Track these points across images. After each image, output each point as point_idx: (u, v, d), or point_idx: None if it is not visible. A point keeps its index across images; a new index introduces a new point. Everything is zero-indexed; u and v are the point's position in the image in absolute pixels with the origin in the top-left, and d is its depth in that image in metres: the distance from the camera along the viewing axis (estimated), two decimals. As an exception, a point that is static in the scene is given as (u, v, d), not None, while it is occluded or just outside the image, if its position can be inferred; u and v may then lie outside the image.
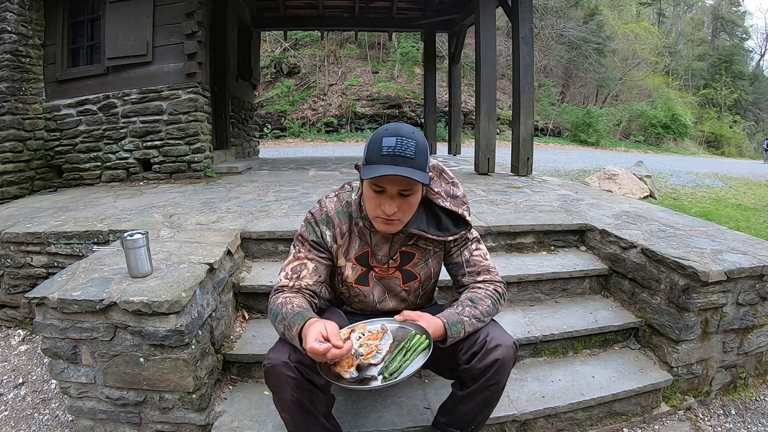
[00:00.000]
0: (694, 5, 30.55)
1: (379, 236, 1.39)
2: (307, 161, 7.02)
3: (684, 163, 14.55)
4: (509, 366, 1.29)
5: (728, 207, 7.03)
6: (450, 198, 1.40)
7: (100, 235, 2.47)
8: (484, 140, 4.92)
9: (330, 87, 17.21)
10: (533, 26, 5.02)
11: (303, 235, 1.39)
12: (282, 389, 1.23)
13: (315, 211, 1.40)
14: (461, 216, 1.40)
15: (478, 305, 1.32)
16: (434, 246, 1.43)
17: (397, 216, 1.26)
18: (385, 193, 1.23)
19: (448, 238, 1.39)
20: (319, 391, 1.26)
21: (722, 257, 2.02)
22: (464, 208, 1.41)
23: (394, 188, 1.21)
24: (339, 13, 7.94)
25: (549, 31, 20.17)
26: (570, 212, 2.93)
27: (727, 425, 1.91)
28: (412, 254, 1.42)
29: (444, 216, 1.39)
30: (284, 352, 1.23)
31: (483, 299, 1.34)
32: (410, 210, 1.28)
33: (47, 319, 1.58)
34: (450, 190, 1.40)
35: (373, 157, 1.19)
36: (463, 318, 1.29)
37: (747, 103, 27.28)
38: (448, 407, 1.44)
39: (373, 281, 1.45)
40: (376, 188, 1.23)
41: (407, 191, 1.23)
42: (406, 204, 1.25)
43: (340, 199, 1.42)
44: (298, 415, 1.27)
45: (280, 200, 3.35)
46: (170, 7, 4.34)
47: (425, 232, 1.36)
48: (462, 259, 1.43)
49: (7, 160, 3.99)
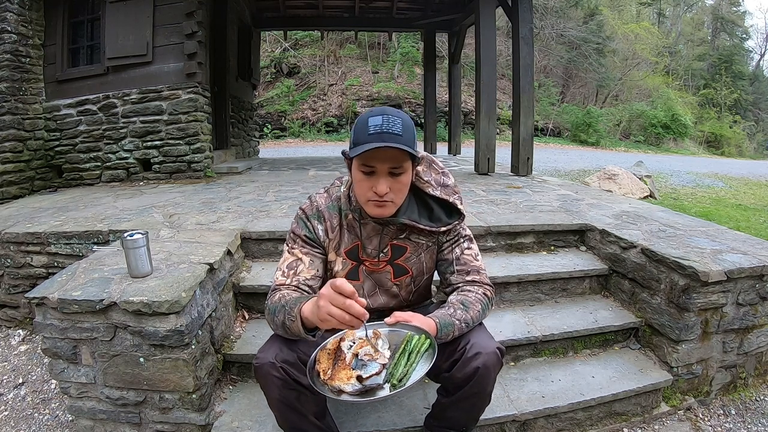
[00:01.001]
0: (694, 5, 30.53)
1: (369, 228, 1.36)
2: (307, 161, 7.02)
3: (684, 163, 14.55)
4: (493, 372, 1.27)
5: (728, 207, 7.02)
6: (441, 187, 1.37)
7: (100, 235, 2.47)
8: (484, 140, 4.92)
9: (330, 87, 17.20)
10: (533, 26, 5.02)
11: (295, 232, 1.37)
12: (269, 389, 1.23)
13: (306, 207, 1.39)
14: (453, 205, 1.37)
15: (469, 309, 1.29)
16: (427, 240, 1.40)
17: (389, 197, 1.23)
18: (375, 174, 1.20)
19: (441, 228, 1.36)
20: (307, 391, 1.24)
21: (722, 257, 2.02)
22: (456, 197, 1.38)
23: (384, 166, 1.19)
24: (339, 13, 7.94)
25: (549, 31, 20.16)
26: (570, 212, 2.93)
27: (727, 425, 1.91)
28: (403, 248, 1.39)
29: (436, 206, 1.37)
30: (271, 351, 1.23)
31: (474, 303, 1.31)
32: (402, 191, 1.25)
33: (47, 319, 1.58)
34: (440, 179, 1.38)
35: (361, 137, 1.17)
36: (454, 321, 1.26)
37: (747, 103, 27.26)
38: (435, 412, 1.44)
39: (364, 275, 1.42)
40: (365, 169, 1.20)
41: (397, 168, 1.20)
42: (397, 183, 1.22)
43: (330, 194, 1.40)
44: (288, 414, 1.27)
45: (280, 200, 3.35)
46: (170, 7, 4.35)
47: (417, 222, 1.33)
48: (452, 256, 1.40)
49: (7, 160, 4.00)
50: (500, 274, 2.24)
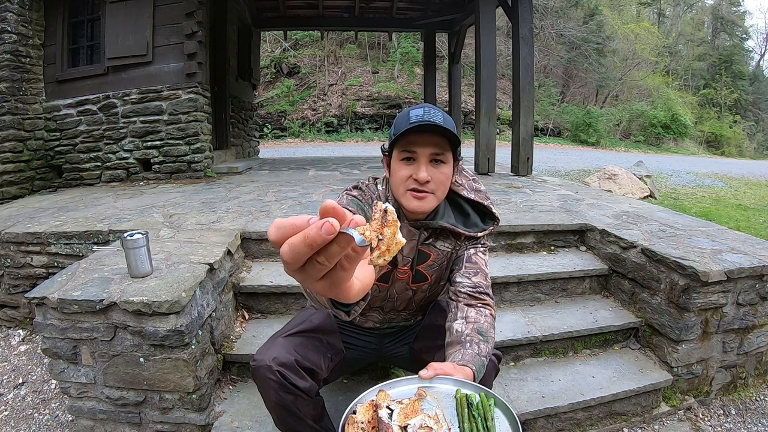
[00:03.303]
0: (694, 5, 30.53)
1: (404, 232, 1.29)
2: (307, 161, 7.02)
3: (684, 163, 14.55)
4: (489, 379, 1.25)
5: (728, 207, 7.02)
6: (474, 192, 1.35)
7: (100, 235, 2.47)
8: (484, 140, 4.92)
9: (330, 87, 17.20)
10: (533, 26, 5.02)
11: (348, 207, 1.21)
12: (266, 391, 1.23)
13: (357, 195, 1.28)
14: (488, 209, 1.34)
15: (488, 339, 1.21)
16: (452, 247, 1.34)
17: (430, 187, 1.18)
18: (416, 161, 1.18)
19: (477, 234, 1.32)
20: (304, 395, 1.23)
21: (722, 257, 2.02)
22: (489, 202, 1.35)
23: (425, 150, 1.16)
24: (339, 13, 7.94)
25: (549, 31, 20.16)
26: (570, 212, 2.93)
27: (727, 425, 1.91)
28: (427, 255, 1.34)
29: (471, 211, 1.34)
30: (268, 354, 1.22)
31: (488, 331, 1.23)
32: (444, 183, 1.21)
33: (47, 319, 1.58)
34: (473, 185, 1.36)
35: (402, 127, 1.15)
36: (483, 360, 1.16)
37: (747, 103, 27.26)
38: None
39: (393, 280, 1.36)
40: (406, 155, 1.18)
41: (439, 155, 1.17)
42: (438, 173, 1.18)
43: (366, 193, 1.30)
44: (284, 416, 1.26)
45: (280, 200, 3.35)
46: (170, 7, 4.35)
47: (455, 226, 1.29)
48: (465, 254, 1.34)
49: (7, 160, 4.00)
50: (500, 274, 2.24)
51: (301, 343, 1.29)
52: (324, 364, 1.34)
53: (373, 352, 1.54)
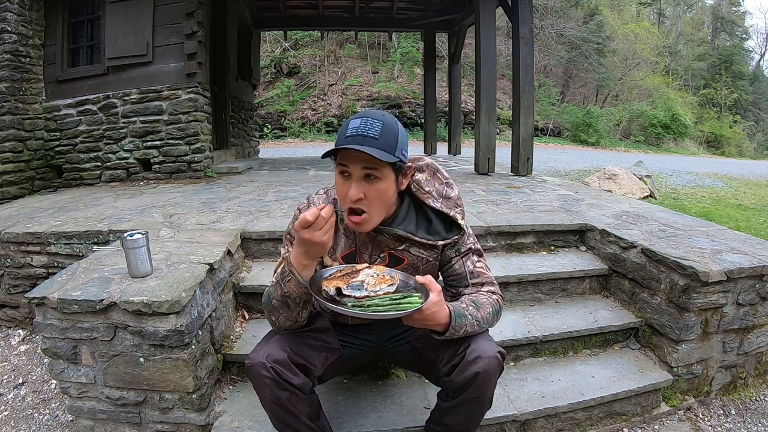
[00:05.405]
0: (694, 5, 30.53)
1: (363, 235, 1.32)
2: (307, 161, 7.02)
3: (684, 163, 14.55)
4: (493, 377, 1.24)
5: (728, 207, 7.03)
6: (442, 199, 1.33)
7: (100, 235, 2.47)
8: (484, 140, 4.92)
9: (330, 87, 17.19)
10: (533, 26, 5.02)
11: (291, 233, 1.30)
12: (261, 389, 1.23)
13: (303, 207, 1.35)
14: (453, 219, 1.32)
15: (480, 309, 1.25)
16: (428, 254, 1.34)
17: (363, 205, 1.16)
18: (351, 177, 1.16)
19: (438, 243, 1.31)
20: (299, 391, 1.24)
21: (722, 257, 2.02)
22: (457, 210, 1.33)
23: (357, 168, 1.13)
24: (339, 13, 7.94)
25: (549, 31, 20.16)
26: (570, 212, 2.93)
27: (727, 425, 1.91)
28: (401, 260, 1.34)
29: (435, 218, 1.32)
30: (262, 351, 1.23)
31: (484, 305, 1.27)
32: (379, 199, 1.18)
33: (47, 319, 1.58)
34: (443, 190, 1.34)
35: (339, 139, 1.14)
36: (467, 314, 1.21)
37: (747, 103, 27.25)
38: (435, 417, 1.41)
39: None
40: (341, 169, 1.17)
41: (372, 171, 1.14)
42: (373, 191, 1.16)
43: (329, 195, 1.35)
44: (280, 414, 1.26)
45: (280, 200, 3.35)
46: (170, 7, 4.34)
47: (412, 234, 1.28)
48: (465, 270, 1.35)
49: (7, 160, 3.99)
50: (500, 274, 2.24)
51: (294, 340, 1.29)
52: (318, 362, 1.34)
53: (372, 350, 1.53)
